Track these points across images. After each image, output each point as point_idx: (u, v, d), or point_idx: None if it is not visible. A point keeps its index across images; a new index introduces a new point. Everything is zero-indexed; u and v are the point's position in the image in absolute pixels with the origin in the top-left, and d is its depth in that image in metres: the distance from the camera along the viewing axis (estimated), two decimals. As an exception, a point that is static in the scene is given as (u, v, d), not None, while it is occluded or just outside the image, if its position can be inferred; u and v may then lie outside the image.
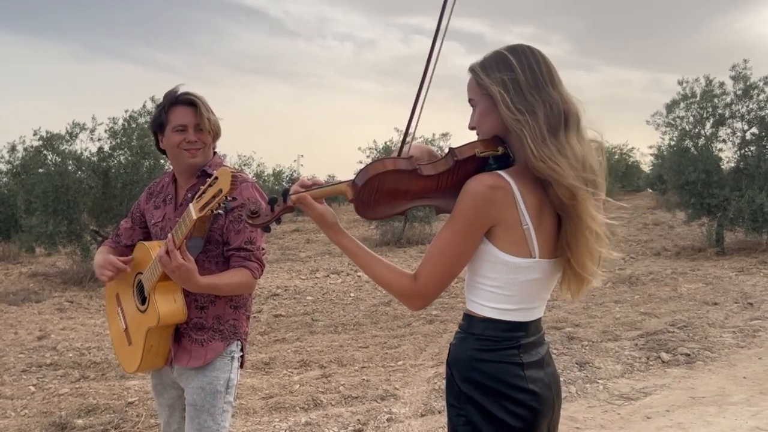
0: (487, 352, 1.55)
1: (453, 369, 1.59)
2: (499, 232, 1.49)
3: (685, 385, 4.72)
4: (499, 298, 1.55)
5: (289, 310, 8.09)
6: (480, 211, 1.46)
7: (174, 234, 2.00)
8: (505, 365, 1.54)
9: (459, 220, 1.48)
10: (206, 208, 1.87)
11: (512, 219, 1.47)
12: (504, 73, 1.51)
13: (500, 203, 1.46)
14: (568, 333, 6.03)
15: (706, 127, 11.62)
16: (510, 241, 1.49)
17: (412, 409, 4.42)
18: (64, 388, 5.09)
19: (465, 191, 1.47)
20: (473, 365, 1.55)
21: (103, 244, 2.55)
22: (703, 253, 11.10)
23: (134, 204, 2.54)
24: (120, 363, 2.47)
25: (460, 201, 1.48)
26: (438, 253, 1.50)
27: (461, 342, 1.60)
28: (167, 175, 2.48)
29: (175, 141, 2.28)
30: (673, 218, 15.20)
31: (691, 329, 6.07)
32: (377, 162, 1.50)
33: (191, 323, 2.27)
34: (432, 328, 6.69)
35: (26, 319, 7.94)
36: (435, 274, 1.51)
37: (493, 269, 1.53)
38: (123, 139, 10.36)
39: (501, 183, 1.47)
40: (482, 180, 1.47)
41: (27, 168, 10.34)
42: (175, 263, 1.98)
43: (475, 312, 1.58)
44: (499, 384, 1.53)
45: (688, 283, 8.54)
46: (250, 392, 4.83)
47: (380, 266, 1.57)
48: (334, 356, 5.76)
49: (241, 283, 2.22)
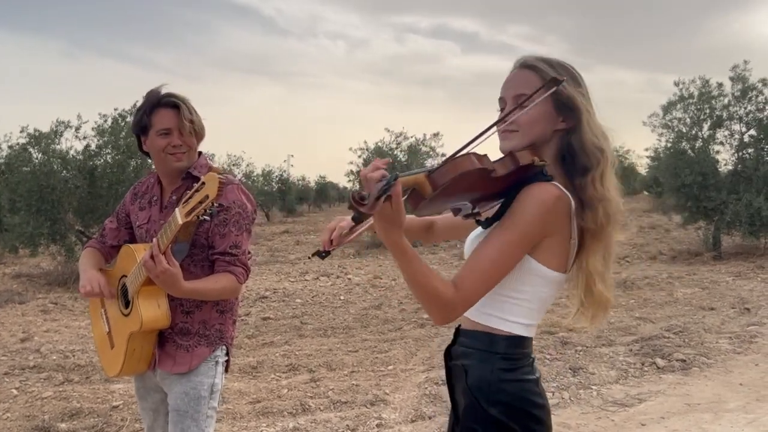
0: (511, 372, 1.49)
1: (477, 393, 1.49)
2: (547, 243, 1.44)
3: (681, 392, 4.67)
4: (527, 313, 1.49)
5: (278, 313, 8.00)
6: (543, 220, 1.41)
7: (159, 238, 1.97)
8: (527, 383, 1.51)
9: (519, 227, 1.40)
10: (192, 214, 1.83)
11: (565, 233, 1.45)
12: (582, 89, 1.49)
13: (562, 215, 1.43)
14: (561, 338, 5.96)
15: (703, 129, 11.59)
16: (553, 254, 1.45)
17: (402, 414, 4.36)
18: (47, 391, 5.01)
19: (531, 197, 1.41)
20: (500, 387, 1.48)
21: (87, 244, 2.50)
22: (700, 257, 11.05)
23: (119, 204, 2.51)
24: (102, 366, 2.44)
25: (525, 208, 1.40)
26: (489, 260, 1.40)
27: (482, 362, 1.51)
28: (152, 175, 2.44)
29: (160, 145, 2.24)
30: (669, 222, 15.17)
31: (686, 335, 6.02)
32: (465, 156, 1.38)
33: (176, 328, 2.23)
34: (423, 332, 6.61)
35: (9, 320, 7.84)
36: (480, 282, 1.40)
37: (525, 282, 1.47)
38: (110, 137, 10.28)
39: (563, 195, 1.43)
40: (550, 190, 1.42)
41: (11, 166, 10.25)
42: (160, 268, 1.95)
43: (498, 328, 1.50)
44: (523, 403, 1.48)
45: (684, 288, 8.48)
46: (237, 396, 4.75)
47: (428, 271, 1.40)
48: (323, 360, 5.69)
49: (226, 288, 2.19)
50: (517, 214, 1.40)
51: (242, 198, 2.25)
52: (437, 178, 1.36)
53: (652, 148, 13.55)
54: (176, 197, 2.27)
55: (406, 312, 7.68)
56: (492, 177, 1.42)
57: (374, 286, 9.75)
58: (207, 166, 2.31)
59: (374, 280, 10.20)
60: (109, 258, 2.47)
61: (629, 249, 12.45)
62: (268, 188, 27.96)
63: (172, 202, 2.28)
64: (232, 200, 2.21)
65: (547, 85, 1.43)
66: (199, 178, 2.24)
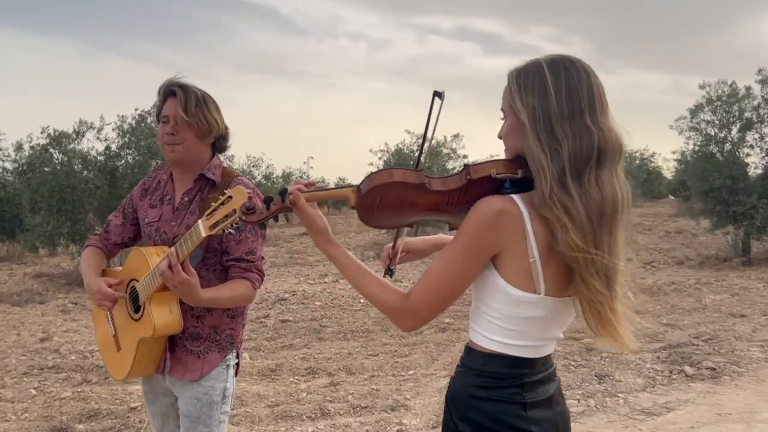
0: (487, 390, 1.42)
1: (451, 406, 1.47)
2: (504, 260, 1.37)
3: (711, 401, 4.54)
4: (502, 332, 1.41)
5: (297, 316, 7.96)
6: (483, 235, 1.35)
7: (179, 248, 1.94)
8: (506, 405, 1.41)
9: (461, 240, 1.37)
10: (217, 228, 1.80)
11: (519, 249, 1.35)
12: (536, 99, 1.36)
13: (507, 230, 1.34)
14: (586, 344, 5.83)
15: (732, 132, 11.35)
16: (514, 272, 1.36)
17: (423, 420, 4.28)
18: (65, 391, 5.02)
19: (472, 211, 1.36)
20: (471, 403, 1.42)
21: (89, 241, 2.42)
22: (729, 262, 10.81)
23: (126, 199, 2.43)
24: (107, 368, 2.37)
25: (467, 221, 1.37)
26: (435, 272, 1.40)
27: (460, 377, 1.48)
28: (164, 171, 2.38)
29: (159, 133, 2.23)
30: (696, 226, 14.88)
31: (716, 342, 5.85)
32: (384, 171, 1.45)
33: (187, 332, 2.19)
34: (444, 337, 6.52)
35: (29, 320, 7.91)
36: (429, 294, 1.40)
37: (495, 299, 1.40)
38: (131, 138, 10.31)
39: (511, 209, 1.34)
40: (491, 203, 1.34)
41: (33, 166, 10.35)
42: (179, 278, 1.92)
43: (477, 344, 1.45)
44: (497, 425, 1.40)
45: (712, 294, 8.28)
46: (255, 400, 4.71)
47: (370, 280, 1.48)
48: (343, 364, 5.62)
49: (242, 296, 2.16)
50: (461, 228, 1.38)
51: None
52: (361, 189, 1.44)
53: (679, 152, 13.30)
54: (188, 198, 2.23)
55: (426, 316, 7.58)
56: (433, 191, 1.43)
57: (394, 289, 9.66)
58: (220, 167, 2.26)
59: (394, 283, 10.03)
60: (111, 255, 2.41)
61: (655, 254, 12.24)
62: (289, 190, 27.85)
63: (184, 204, 2.23)
64: None
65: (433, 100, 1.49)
66: (212, 180, 2.21)
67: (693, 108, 11.61)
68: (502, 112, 1.48)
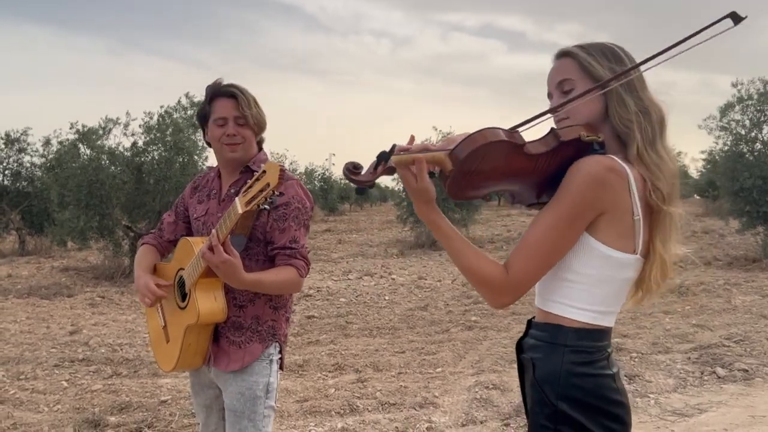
0: (584, 366, 1.40)
1: (545, 386, 1.42)
2: (605, 221, 1.35)
3: (744, 403, 4.46)
4: (592, 298, 1.39)
5: (322, 312, 7.97)
6: (593, 195, 1.32)
7: (218, 229, 1.96)
8: (602, 378, 1.41)
9: (566, 203, 1.33)
10: (253, 203, 1.82)
11: (624, 208, 1.34)
12: (617, 65, 1.41)
13: (616, 188, 1.33)
14: (616, 344, 5.76)
15: (763, 131, 11.15)
16: (616, 233, 1.35)
17: (452, 418, 4.26)
18: (96, 384, 5.06)
19: (577, 171, 1.33)
20: (571, 381, 1.39)
21: (144, 240, 2.51)
22: (758, 263, 10.61)
23: (178, 197, 2.53)
24: (157, 361, 2.42)
25: (571, 182, 1.33)
26: (536, 241, 1.35)
27: (549, 354, 1.43)
28: (213, 170, 2.46)
29: (216, 134, 2.27)
30: (724, 226, 14.65)
31: (748, 344, 5.75)
32: (485, 130, 1.32)
33: (229, 322, 2.21)
34: (471, 335, 6.49)
35: (58, 313, 7.99)
36: (531, 264, 1.36)
37: (588, 264, 1.37)
38: (157, 134, 10.39)
39: (618, 167, 1.34)
40: (599, 161, 1.33)
41: (61, 162, 10.47)
42: (220, 258, 1.94)
43: (563, 315, 1.42)
44: (599, 400, 1.39)
45: (742, 295, 8.14)
46: (284, 395, 4.72)
47: (471, 252, 1.40)
48: (370, 360, 5.61)
49: (287, 281, 2.18)
50: (563, 190, 1.34)
51: (301, 194, 2.26)
52: (457, 152, 1.31)
53: (708, 151, 13.12)
54: (234, 190, 2.27)
55: (453, 314, 7.56)
56: (527, 154, 1.34)
57: (419, 287, 9.64)
58: (267, 161, 2.29)
59: (419, 281, 10.09)
60: (166, 253, 2.48)
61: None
62: (310, 186, 28.25)
63: (230, 195, 2.27)
64: (292, 195, 2.22)
65: (721, 20, 1.38)
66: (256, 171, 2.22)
67: (723, 106, 11.43)
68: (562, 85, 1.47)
